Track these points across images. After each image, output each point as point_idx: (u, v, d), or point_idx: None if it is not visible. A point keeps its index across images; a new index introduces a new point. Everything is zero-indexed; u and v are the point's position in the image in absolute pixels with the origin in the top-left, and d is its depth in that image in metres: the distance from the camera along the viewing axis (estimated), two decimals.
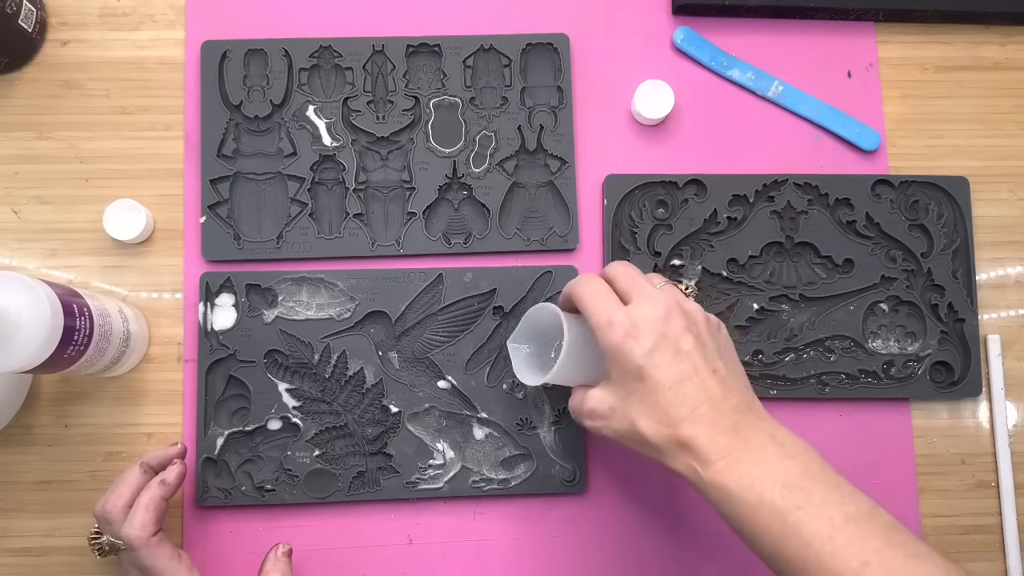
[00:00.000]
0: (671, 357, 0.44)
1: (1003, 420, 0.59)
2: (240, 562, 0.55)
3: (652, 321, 0.44)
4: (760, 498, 0.40)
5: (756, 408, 0.45)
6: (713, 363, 0.45)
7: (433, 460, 0.56)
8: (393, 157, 0.59)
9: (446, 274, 0.58)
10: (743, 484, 0.41)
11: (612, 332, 0.44)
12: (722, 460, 0.42)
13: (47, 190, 0.59)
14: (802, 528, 0.39)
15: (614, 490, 0.58)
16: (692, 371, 0.44)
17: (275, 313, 0.57)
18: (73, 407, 0.57)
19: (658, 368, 0.43)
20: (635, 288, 0.46)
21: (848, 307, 0.59)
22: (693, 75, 0.62)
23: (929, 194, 0.60)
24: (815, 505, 0.40)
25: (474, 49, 0.60)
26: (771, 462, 0.42)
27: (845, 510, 0.40)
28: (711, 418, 0.43)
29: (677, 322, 0.45)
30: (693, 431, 0.43)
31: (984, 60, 0.63)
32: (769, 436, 0.43)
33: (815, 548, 0.39)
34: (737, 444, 0.42)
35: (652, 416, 0.44)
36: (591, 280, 0.48)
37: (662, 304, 0.45)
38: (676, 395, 0.43)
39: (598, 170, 0.60)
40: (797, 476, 0.41)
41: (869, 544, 0.38)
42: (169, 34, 0.61)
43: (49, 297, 0.46)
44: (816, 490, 0.40)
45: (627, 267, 0.48)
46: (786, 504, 0.40)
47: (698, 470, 0.43)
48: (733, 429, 0.43)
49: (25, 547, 0.56)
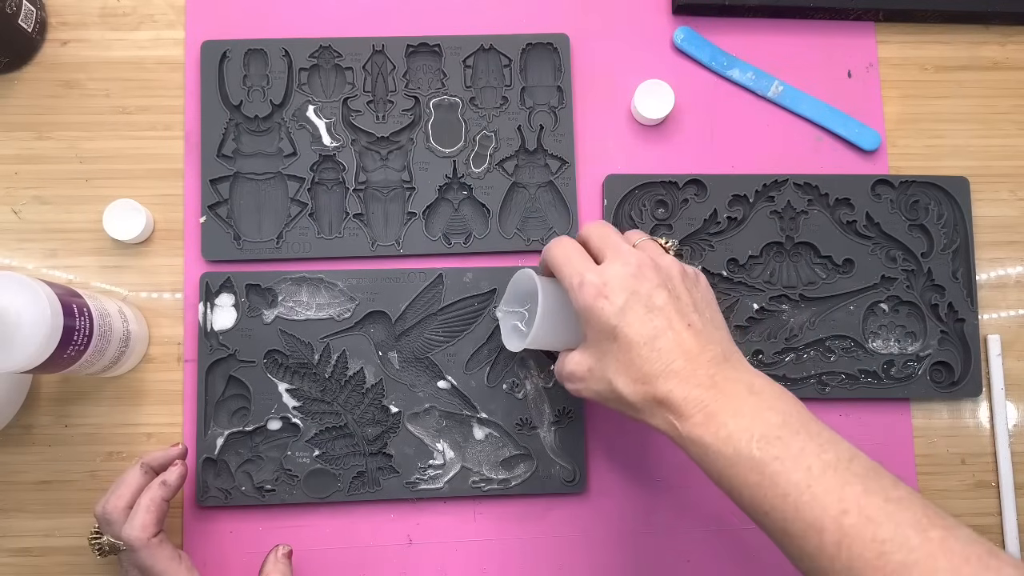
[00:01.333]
0: (643, 314, 0.43)
1: (1003, 420, 0.59)
2: (240, 562, 0.55)
3: (623, 279, 0.44)
4: (737, 451, 0.40)
5: (734, 359, 0.44)
6: (688, 316, 0.44)
7: (433, 460, 0.56)
8: (393, 157, 0.59)
9: (446, 274, 0.58)
10: (720, 437, 0.40)
11: (584, 292, 0.44)
12: (699, 414, 0.41)
13: (47, 190, 0.59)
14: (779, 479, 0.39)
15: (614, 490, 0.58)
16: (666, 326, 0.43)
17: (275, 313, 0.57)
18: (73, 407, 0.57)
19: (631, 326, 0.43)
20: (608, 247, 0.46)
21: (848, 307, 0.59)
22: (693, 75, 0.62)
23: (929, 194, 0.60)
24: (793, 455, 0.39)
25: (474, 49, 0.60)
26: (748, 413, 0.41)
27: (823, 458, 0.39)
28: (686, 372, 0.42)
29: (649, 277, 0.44)
30: (668, 386, 0.42)
31: (984, 60, 0.63)
32: (746, 386, 0.42)
33: (793, 498, 0.38)
34: (713, 396, 0.42)
35: (628, 374, 0.43)
36: (563, 242, 0.47)
37: (633, 261, 0.44)
38: (650, 351, 0.42)
39: (598, 170, 0.60)
40: (775, 426, 0.40)
41: (848, 491, 0.38)
42: (169, 34, 0.61)
43: (49, 297, 0.46)
44: (794, 440, 0.40)
45: (602, 226, 0.48)
46: (763, 455, 0.39)
47: (676, 425, 0.42)
48: (710, 382, 0.42)
49: (25, 547, 0.56)
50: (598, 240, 0.47)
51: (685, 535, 0.57)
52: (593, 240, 0.47)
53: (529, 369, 0.57)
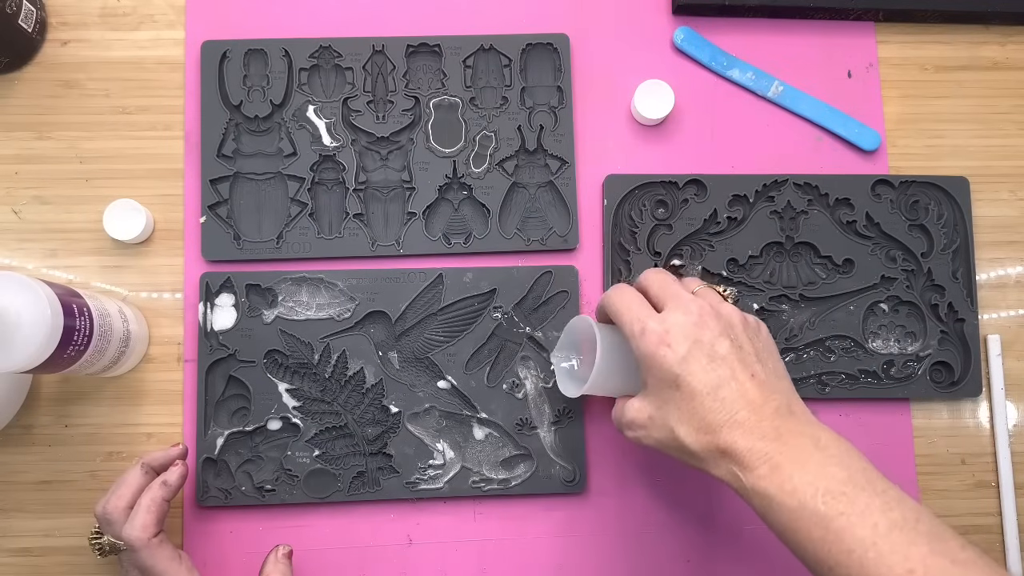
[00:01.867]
0: (706, 363, 0.43)
1: (1003, 420, 0.59)
2: (240, 562, 0.55)
3: (685, 327, 0.44)
4: (802, 504, 0.40)
5: (798, 411, 0.44)
6: (751, 366, 0.44)
7: (433, 460, 0.56)
8: (393, 157, 0.59)
9: (446, 274, 0.58)
10: (785, 490, 0.40)
11: (645, 340, 0.44)
12: (763, 466, 0.41)
13: (47, 190, 0.59)
14: (845, 535, 0.38)
15: (614, 490, 0.58)
16: (729, 376, 0.43)
17: (275, 313, 0.57)
18: (73, 407, 0.57)
19: (693, 375, 0.43)
20: (668, 295, 0.46)
21: (848, 307, 0.59)
22: (693, 75, 0.62)
23: (929, 194, 0.60)
24: (859, 511, 0.39)
25: (474, 49, 0.60)
26: (814, 467, 0.41)
27: (889, 516, 0.39)
28: (751, 423, 0.42)
29: (711, 327, 0.44)
30: (732, 437, 0.42)
31: (984, 60, 0.63)
32: (812, 440, 0.42)
33: (858, 555, 0.38)
34: (778, 449, 0.41)
35: (690, 424, 0.43)
36: (623, 289, 0.47)
37: (695, 309, 0.44)
38: (713, 401, 0.42)
39: (598, 170, 0.60)
40: (841, 482, 0.40)
41: (914, 551, 0.37)
42: (169, 34, 0.61)
43: (49, 297, 0.46)
44: (860, 496, 0.39)
45: (661, 273, 0.48)
46: (829, 510, 0.39)
47: (740, 476, 0.42)
48: (774, 433, 0.42)
49: (25, 547, 0.56)
50: (658, 288, 0.47)
51: (685, 535, 0.57)
52: (653, 288, 0.47)
53: (529, 369, 0.57)
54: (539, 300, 0.58)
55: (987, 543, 0.58)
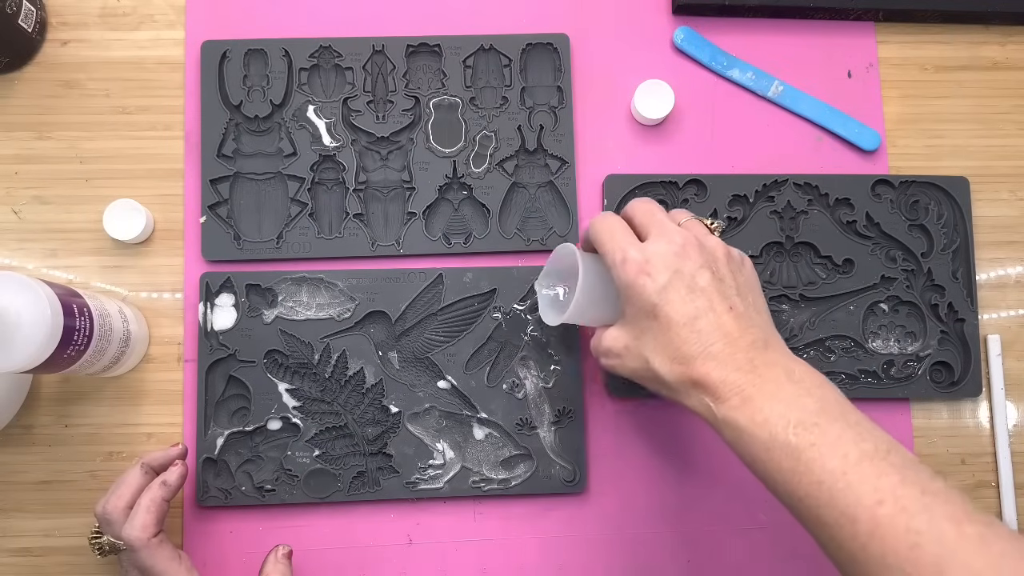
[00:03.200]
0: (685, 293, 0.43)
1: (1003, 420, 0.59)
2: (240, 562, 0.55)
3: (666, 257, 0.43)
4: (773, 435, 0.40)
5: (774, 344, 0.44)
6: (730, 299, 0.44)
7: (433, 460, 0.56)
8: (393, 157, 0.59)
9: (446, 274, 0.58)
10: (756, 421, 0.40)
11: (626, 269, 0.44)
12: (735, 397, 0.41)
13: (47, 190, 0.59)
14: (815, 465, 0.38)
15: (614, 490, 0.58)
16: (707, 307, 0.43)
17: (275, 313, 0.57)
18: (73, 407, 0.57)
19: (671, 304, 0.43)
20: (652, 224, 0.46)
21: (848, 307, 0.59)
22: (693, 75, 0.62)
23: (929, 194, 0.60)
24: (829, 443, 0.39)
25: (474, 49, 0.60)
26: (786, 399, 0.40)
27: (861, 447, 0.38)
28: (725, 355, 0.42)
29: (693, 257, 0.44)
30: (706, 368, 0.42)
31: (984, 60, 0.63)
32: (785, 372, 0.42)
33: (828, 485, 0.38)
34: (751, 380, 0.41)
35: (665, 353, 0.43)
36: (608, 217, 0.47)
37: (678, 239, 0.44)
38: (690, 332, 0.42)
39: (598, 170, 0.60)
40: (813, 413, 0.40)
41: (884, 482, 0.37)
42: (169, 34, 0.61)
43: (49, 297, 0.46)
44: (831, 428, 0.39)
45: (647, 203, 0.48)
46: (800, 442, 0.39)
47: (712, 407, 0.42)
48: (749, 366, 0.42)
49: (25, 547, 0.56)
50: (643, 217, 0.46)
51: (685, 535, 0.57)
52: (638, 217, 0.47)
53: (529, 369, 0.57)
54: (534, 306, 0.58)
55: None
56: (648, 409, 0.58)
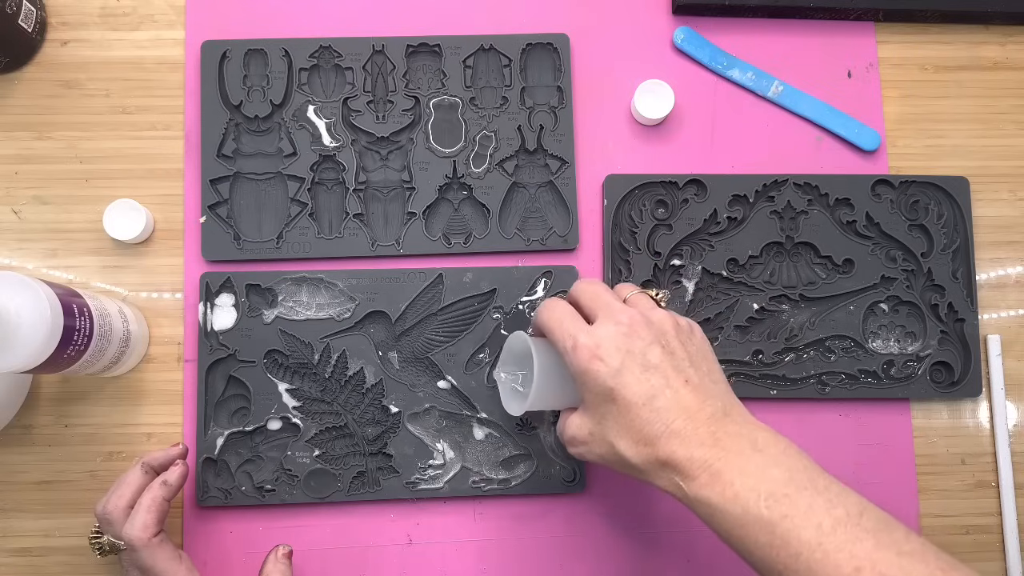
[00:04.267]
0: (639, 373, 0.43)
1: (1003, 420, 0.59)
2: (240, 562, 0.55)
3: (616, 339, 0.43)
4: (746, 510, 0.39)
5: (735, 413, 0.43)
6: (684, 372, 0.43)
7: (433, 460, 0.56)
8: (393, 157, 0.59)
9: (446, 274, 0.58)
10: (727, 497, 0.40)
11: (578, 355, 0.43)
12: (704, 474, 0.41)
13: (47, 190, 0.59)
14: (791, 538, 0.38)
15: (614, 490, 0.58)
16: (663, 384, 0.42)
17: (275, 313, 0.57)
18: (73, 407, 0.57)
19: (628, 387, 0.42)
20: (599, 306, 0.45)
21: (848, 307, 0.59)
22: (693, 75, 0.62)
23: (929, 194, 0.60)
24: (802, 512, 0.39)
25: (474, 49, 0.60)
26: (754, 471, 0.40)
27: (833, 514, 0.38)
28: (687, 431, 0.42)
29: (643, 335, 0.44)
30: (671, 447, 0.41)
31: (984, 60, 0.63)
32: (750, 442, 0.42)
33: (805, 557, 0.38)
34: (717, 455, 0.41)
35: (629, 437, 0.43)
36: (555, 305, 0.47)
37: (625, 319, 0.44)
38: (649, 412, 0.42)
39: (598, 170, 0.60)
40: (782, 483, 0.40)
41: (859, 548, 0.37)
42: (169, 34, 0.61)
43: (49, 297, 0.46)
44: (802, 496, 0.39)
45: (592, 284, 0.47)
46: (772, 515, 0.39)
47: (682, 486, 0.41)
48: (712, 439, 0.41)
49: (25, 547, 0.56)
50: (589, 300, 0.46)
51: (685, 535, 0.57)
52: (584, 300, 0.47)
53: None
54: (538, 302, 0.58)
55: (987, 543, 0.58)
56: None
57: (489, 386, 0.57)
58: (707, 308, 0.59)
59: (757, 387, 0.58)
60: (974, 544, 0.58)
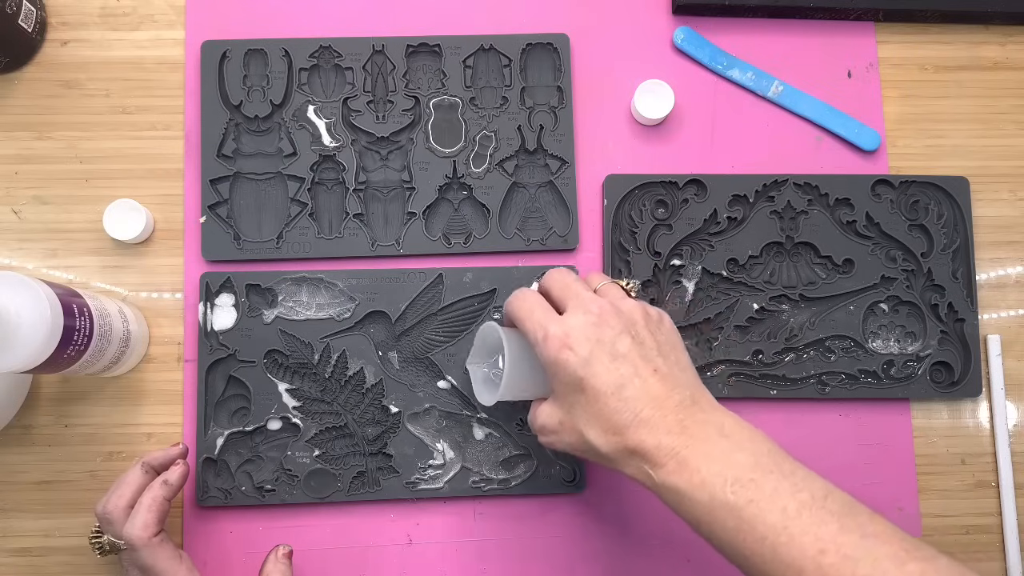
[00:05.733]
0: (608, 363, 0.43)
1: (1003, 420, 0.59)
2: (240, 562, 0.55)
3: (585, 328, 0.43)
4: (712, 496, 0.40)
5: (703, 401, 0.44)
6: (653, 361, 0.44)
7: (433, 460, 0.56)
8: (393, 157, 0.59)
9: (446, 274, 0.58)
10: (694, 483, 0.40)
11: (548, 346, 0.44)
12: (671, 461, 0.41)
13: (47, 190, 0.59)
14: (756, 523, 0.39)
15: (614, 490, 0.58)
16: (632, 373, 0.43)
17: (275, 313, 0.57)
18: (73, 407, 0.57)
19: (597, 376, 0.43)
20: (569, 296, 0.46)
21: (848, 307, 0.59)
22: (693, 75, 0.62)
23: (929, 194, 0.60)
24: (767, 497, 0.39)
25: (474, 49, 0.60)
26: (720, 457, 0.41)
27: (798, 498, 0.39)
28: (656, 419, 0.42)
29: (612, 324, 0.44)
30: (639, 436, 0.42)
31: (984, 60, 0.63)
32: (716, 429, 0.42)
33: (771, 541, 0.38)
34: (684, 442, 0.41)
35: (598, 425, 0.43)
36: (525, 295, 0.47)
37: (595, 309, 0.44)
38: (618, 401, 0.42)
39: (598, 170, 0.60)
40: (748, 468, 0.40)
41: (824, 530, 0.38)
42: (169, 34, 0.61)
43: (49, 297, 0.46)
44: (767, 481, 0.40)
45: (562, 274, 0.48)
46: (738, 500, 0.39)
47: (650, 474, 0.42)
48: (679, 427, 0.42)
49: (25, 547, 0.56)
50: (559, 290, 0.47)
51: (685, 535, 0.57)
52: (554, 290, 0.47)
53: None
54: None
55: (987, 543, 0.58)
56: None
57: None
58: (707, 308, 0.59)
59: (757, 387, 0.58)
60: (974, 544, 0.58)
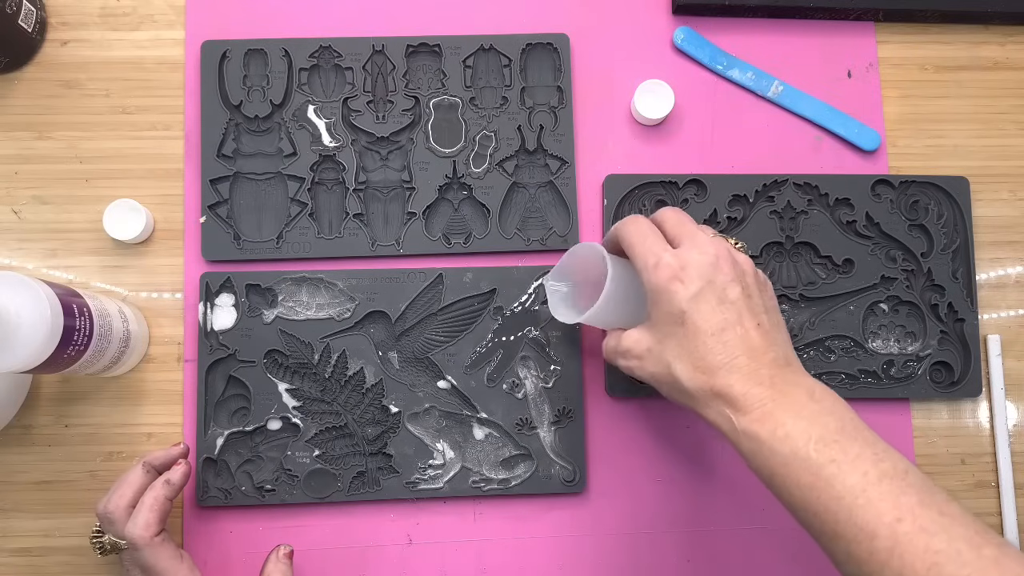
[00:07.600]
0: (715, 304, 0.43)
1: (1003, 420, 0.59)
2: (241, 562, 0.55)
3: (700, 266, 0.44)
4: (794, 451, 0.40)
5: (795, 363, 0.44)
6: (758, 315, 0.44)
7: (433, 460, 0.56)
8: (393, 157, 0.59)
9: (446, 274, 0.58)
10: (777, 436, 0.41)
11: (658, 273, 0.44)
12: (757, 410, 0.42)
13: (47, 190, 0.59)
14: (835, 482, 0.39)
15: (614, 490, 0.58)
16: (735, 320, 0.43)
17: (275, 313, 0.57)
18: (73, 407, 0.57)
19: (701, 313, 0.43)
20: (685, 233, 0.46)
21: (848, 307, 0.59)
22: (693, 75, 0.62)
23: (929, 194, 0.60)
24: (850, 460, 0.39)
25: (474, 49, 0.60)
26: (808, 416, 0.41)
27: (880, 467, 0.39)
28: (749, 369, 0.42)
29: (726, 271, 0.44)
30: (729, 380, 0.42)
31: (984, 60, 0.63)
32: (806, 391, 0.42)
33: (847, 502, 0.38)
34: (773, 396, 0.42)
35: (689, 361, 0.43)
36: (639, 220, 0.47)
37: (711, 251, 0.45)
38: (716, 342, 0.43)
39: (598, 170, 0.60)
40: (833, 431, 0.40)
41: (903, 500, 0.38)
42: (169, 34, 0.61)
43: (49, 297, 0.46)
44: (851, 446, 0.40)
45: (678, 212, 0.48)
46: (820, 458, 0.39)
47: (732, 418, 0.42)
48: (770, 381, 0.42)
49: (25, 547, 0.56)
50: (675, 225, 0.47)
51: (685, 535, 0.57)
52: (669, 224, 0.47)
53: (529, 369, 0.57)
54: (540, 300, 0.58)
55: None
56: (648, 409, 0.58)
57: (489, 386, 0.57)
58: None
59: None
60: None
